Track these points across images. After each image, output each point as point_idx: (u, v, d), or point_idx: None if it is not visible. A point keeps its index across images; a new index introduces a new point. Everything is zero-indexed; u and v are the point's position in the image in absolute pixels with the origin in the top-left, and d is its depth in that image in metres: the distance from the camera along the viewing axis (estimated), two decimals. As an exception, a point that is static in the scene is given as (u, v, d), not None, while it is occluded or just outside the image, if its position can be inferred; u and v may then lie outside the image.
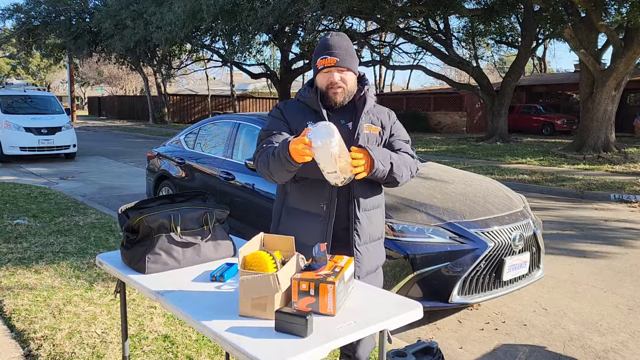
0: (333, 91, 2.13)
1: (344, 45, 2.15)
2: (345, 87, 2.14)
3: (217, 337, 1.50)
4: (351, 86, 2.17)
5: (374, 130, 2.21)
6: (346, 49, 2.15)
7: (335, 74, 2.12)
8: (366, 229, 2.21)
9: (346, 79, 2.14)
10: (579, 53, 14.10)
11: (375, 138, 2.21)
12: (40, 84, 48.49)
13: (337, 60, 2.11)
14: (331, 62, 2.11)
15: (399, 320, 1.65)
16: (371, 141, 2.18)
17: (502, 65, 38.51)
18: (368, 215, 2.22)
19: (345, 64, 2.12)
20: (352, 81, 2.17)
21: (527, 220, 3.91)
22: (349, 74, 2.15)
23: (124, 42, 22.21)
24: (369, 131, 2.18)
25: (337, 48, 2.13)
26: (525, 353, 3.28)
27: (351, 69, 2.15)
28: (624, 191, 8.73)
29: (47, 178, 10.52)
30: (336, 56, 2.11)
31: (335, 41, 2.15)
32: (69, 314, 3.40)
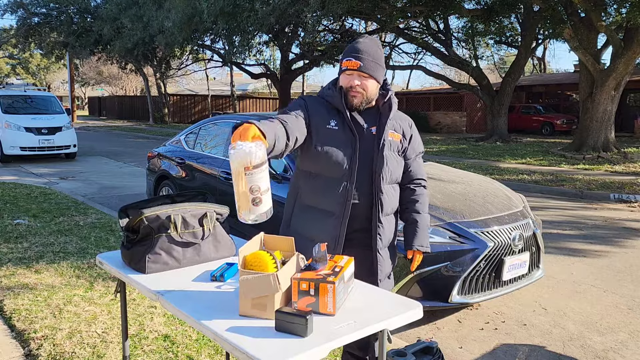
0: (352, 94, 2.14)
1: (372, 52, 2.14)
2: (365, 93, 2.14)
3: (218, 337, 1.51)
4: (371, 93, 2.16)
5: (396, 137, 2.22)
6: (373, 55, 2.13)
7: (356, 79, 2.12)
8: (387, 233, 2.24)
9: (367, 85, 2.13)
10: (579, 53, 14.11)
11: (397, 146, 2.23)
12: (40, 84, 48.50)
13: (360, 65, 2.10)
14: (354, 66, 2.10)
15: (399, 320, 1.65)
16: (393, 148, 2.20)
17: (502, 65, 38.50)
18: (389, 220, 2.24)
19: (368, 70, 2.11)
20: (373, 88, 2.16)
21: (527, 220, 3.92)
22: (371, 81, 2.14)
23: (123, 43, 22.22)
24: (392, 138, 2.20)
25: (364, 53, 2.12)
26: (525, 353, 3.29)
27: (373, 76, 2.13)
28: (623, 191, 8.73)
29: (47, 178, 10.53)
30: (361, 61, 2.10)
31: (364, 45, 2.14)
32: (69, 314, 3.41)
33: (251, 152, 1.72)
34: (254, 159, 1.72)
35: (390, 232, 2.27)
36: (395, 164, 2.21)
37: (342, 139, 2.14)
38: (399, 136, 2.23)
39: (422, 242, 2.28)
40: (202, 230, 2.13)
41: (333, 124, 2.16)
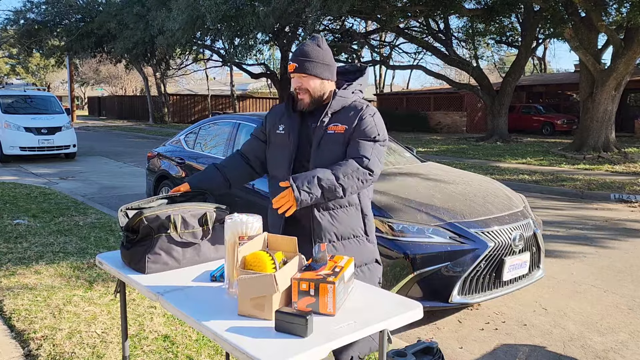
0: (299, 96, 2.26)
1: (309, 52, 2.22)
2: (310, 93, 2.23)
3: (217, 337, 1.50)
4: (317, 91, 2.24)
5: (339, 129, 2.22)
6: (310, 55, 2.22)
7: (296, 80, 2.24)
8: (329, 228, 2.23)
9: (309, 84, 2.22)
10: (579, 53, 14.10)
11: (337, 138, 2.22)
12: (40, 83, 48.47)
13: (295, 67, 2.22)
14: (291, 69, 2.24)
15: (399, 320, 1.65)
16: (332, 141, 2.21)
17: (502, 65, 38.51)
18: (331, 214, 2.23)
19: (304, 71, 2.21)
20: (317, 86, 2.24)
21: (527, 220, 3.91)
22: (312, 80, 2.22)
23: (124, 43, 22.22)
24: (333, 131, 2.22)
25: (300, 55, 2.23)
26: (525, 353, 3.28)
27: (313, 74, 2.21)
28: (624, 191, 8.73)
29: (47, 178, 10.52)
30: (296, 63, 2.22)
31: (300, 48, 2.25)
32: (69, 314, 3.40)
33: (247, 222, 1.79)
34: (250, 229, 1.79)
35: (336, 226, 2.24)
36: (332, 155, 2.20)
37: (286, 141, 2.28)
38: (343, 127, 2.23)
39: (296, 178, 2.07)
40: (201, 230, 2.12)
41: (281, 128, 2.32)
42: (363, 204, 2.32)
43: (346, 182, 2.11)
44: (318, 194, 2.07)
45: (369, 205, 2.37)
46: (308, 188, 2.05)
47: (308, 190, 2.05)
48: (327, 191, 2.09)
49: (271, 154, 2.36)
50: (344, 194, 2.13)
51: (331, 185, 2.08)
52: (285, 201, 2.06)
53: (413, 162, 5.08)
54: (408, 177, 4.42)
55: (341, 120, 2.23)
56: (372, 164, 2.17)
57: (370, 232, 2.35)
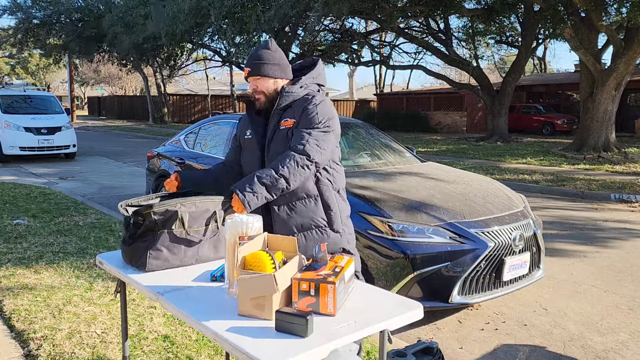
0: (256, 96, 2.36)
1: (259, 54, 2.32)
2: (265, 93, 2.33)
3: (218, 337, 1.50)
4: (270, 90, 2.33)
5: (289, 124, 2.29)
6: (260, 57, 2.31)
7: (252, 83, 2.35)
8: (287, 220, 2.29)
9: (262, 84, 2.32)
10: (579, 53, 14.10)
11: (287, 132, 2.28)
12: (39, 83, 48.50)
13: (249, 70, 2.33)
14: (245, 73, 2.35)
15: (399, 321, 1.65)
16: (282, 136, 2.28)
17: (502, 65, 38.51)
18: (289, 206, 2.28)
19: (256, 72, 2.31)
20: (270, 86, 2.33)
21: (528, 220, 3.91)
22: (264, 80, 2.32)
23: (133, 38, 22.14)
24: (284, 126, 2.29)
25: (251, 58, 2.34)
26: (526, 353, 3.28)
27: (264, 74, 2.31)
28: (624, 191, 8.73)
29: (47, 178, 10.52)
30: (248, 66, 2.34)
31: (252, 53, 2.36)
32: (68, 314, 3.40)
33: (247, 222, 1.79)
34: (250, 230, 1.79)
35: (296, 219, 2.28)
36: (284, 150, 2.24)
37: (253, 144, 2.39)
38: (292, 121, 2.29)
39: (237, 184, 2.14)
40: (206, 229, 2.12)
41: (248, 133, 2.44)
42: (324, 195, 2.32)
43: (285, 171, 2.14)
44: (262, 191, 2.11)
45: (333, 197, 2.35)
46: (250, 188, 2.10)
47: (250, 190, 2.09)
48: (270, 186, 2.12)
49: (244, 158, 2.48)
50: (288, 183, 2.16)
51: (272, 179, 2.12)
52: (235, 207, 2.10)
53: (413, 162, 5.08)
54: (408, 177, 4.42)
55: (290, 115, 2.30)
56: (308, 149, 2.18)
57: (334, 223, 2.34)
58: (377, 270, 3.48)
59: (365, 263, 3.51)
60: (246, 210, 2.07)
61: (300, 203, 2.29)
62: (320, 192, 2.32)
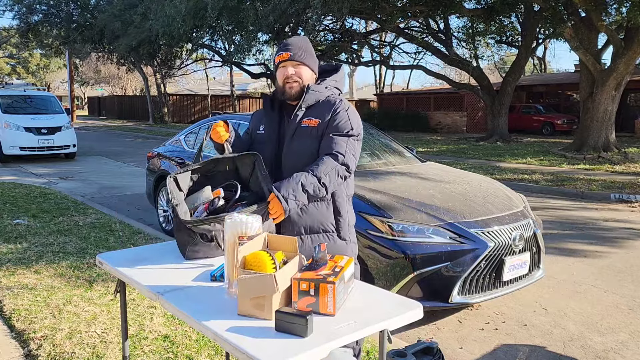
0: (289, 85, 2.28)
1: (299, 44, 2.31)
2: (301, 82, 2.28)
3: (218, 337, 1.50)
4: (307, 80, 2.29)
5: (313, 123, 2.26)
6: (300, 46, 2.30)
7: (290, 68, 2.27)
8: (297, 221, 2.26)
9: (301, 72, 2.28)
10: (579, 53, 14.10)
11: (310, 131, 2.25)
12: (40, 83, 48.50)
13: (290, 55, 2.26)
14: (285, 57, 2.27)
15: (399, 320, 1.65)
16: (305, 134, 2.25)
17: (502, 65, 38.51)
18: (302, 209, 2.25)
19: (299, 58, 2.27)
20: (308, 76, 2.30)
21: (527, 220, 3.91)
22: (304, 69, 2.29)
23: (128, 41, 22.15)
24: (307, 125, 2.26)
25: (291, 45, 2.29)
26: (526, 353, 3.28)
27: (306, 63, 2.29)
28: (624, 191, 8.73)
29: (47, 178, 10.52)
30: (289, 51, 2.27)
31: (291, 40, 2.33)
32: (68, 314, 3.40)
33: (247, 222, 1.79)
34: (249, 229, 1.79)
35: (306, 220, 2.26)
36: (305, 149, 2.24)
37: (265, 138, 2.37)
38: (316, 121, 2.26)
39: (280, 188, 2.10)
40: None
41: (262, 129, 2.41)
42: (336, 201, 2.32)
43: (327, 180, 2.15)
44: (305, 200, 2.13)
45: (345, 203, 2.35)
46: (294, 196, 2.09)
47: (294, 198, 2.09)
48: (311, 195, 2.14)
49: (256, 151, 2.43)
50: (327, 192, 2.19)
51: (315, 187, 2.13)
52: (273, 212, 2.09)
53: (413, 162, 5.08)
54: (408, 177, 4.42)
55: (315, 114, 2.27)
56: (348, 160, 2.20)
57: (342, 230, 2.34)
58: (377, 270, 3.49)
59: (365, 263, 3.51)
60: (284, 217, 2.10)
61: (312, 205, 2.27)
62: (333, 197, 2.31)
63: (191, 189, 2.27)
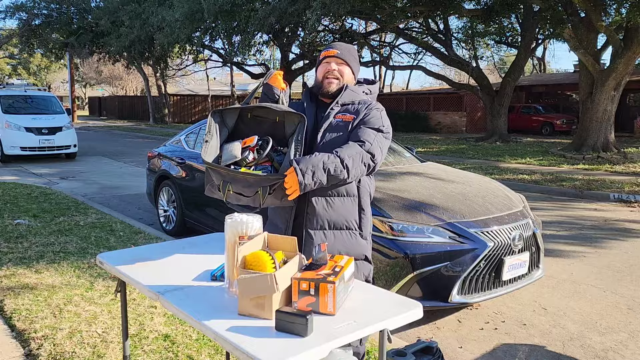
0: (328, 81, 2.32)
1: (347, 47, 2.41)
2: (341, 80, 2.33)
3: (218, 337, 1.51)
4: (347, 80, 2.35)
5: (347, 118, 2.28)
6: (348, 49, 2.40)
7: (333, 64, 2.33)
8: (322, 215, 2.24)
9: (344, 71, 2.34)
10: (579, 53, 14.10)
11: (343, 126, 2.27)
12: (40, 84, 48.46)
13: (337, 52, 2.34)
14: (332, 53, 2.34)
15: (399, 320, 1.66)
16: (338, 128, 2.26)
17: (501, 65, 38.51)
18: (327, 201, 2.24)
19: (344, 57, 2.34)
20: (349, 76, 2.36)
21: (527, 220, 3.92)
22: (347, 69, 2.35)
23: (120, 41, 22.16)
24: (341, 119, 2.28)
25: (340, 45, 2.39)
26: (525, 352, 3.29)
27: (349, 64, 2.35)
28: (623, 191, 8.73)
29: (47, 178, 10.53)
30: (337, 49, 2.36)
31: (340, 43, 2.42)
32: (69, 314, 3.41)
33: (247, 222, 1.80)
34: (250, 229, 1.80)
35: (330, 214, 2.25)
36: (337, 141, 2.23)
37: None
38: (351, 117, 2.29)
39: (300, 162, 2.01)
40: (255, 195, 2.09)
41: None
42: (362, 198, 2.32)
43: (351, 164, 2.07)
44: (323, 179, 2.02)
45: (368, 202, 2.37)
46: (312, 172, 1.98)
47: (312, 173, 1.98)
48: (332, 176, 2.03)
49: None
50: (348, 176, 2.09)
51: (336, 168, 2.04)
52: (288, 186, 1.98)
53: (413, 162, 5.09)
54: (408, 177, 4.43)
55: (350, 111, 2.30)
56: (374, 149, 2.16)
57: (364, 228, 2.34)
58: (377, 270, 3.49)
59: (365, 263, 3.51)
60: (300, 192, 1.98)
61: (339, 200, 2.26)
62: (359, 193, 2.31)
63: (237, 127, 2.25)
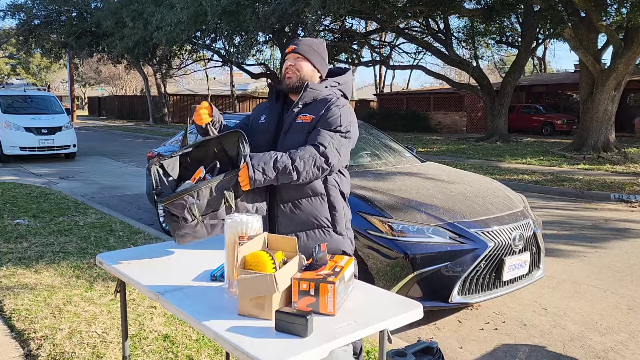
0: (287, 75, 2.35)
1: (308, 41, 2.41)
2: (299, 74, 2.34)
3: (218, 337, 1.50)
4: (306, 74, 2.35)
5: (307, 119, 2.29)
6: (308, 43, 2.40)
7: (290, 59, 2.36)
8: (292, 217, 2.28)
9: (301, 65, 2.35)
10: (579, 53, 14.10)
11: (303, 127, 2.28)
12: (40, 84, 48.47)
13: (294, 48, 2.36)
14: (290, 49, 2.38)
15: (399, 320, 1.65)
16: (298, 129, 2.28)
17: (502, 65, 38.50)
18: (295, 204, 2.27)
19: (302, 52, 2.35)
20: (308, 70, 2.36)
21: (527, 220, 3.91)
22: (305, 63, 2.35)
23: (124, 42, 22.17)
24: (301, 120, 2.30)
25: (300, 40, 2.41)
26: (525, 353, 3.28)
27: (308, 58, 2.35)
28: (624, 191, 8.73)
29: (47, 178, 10.52)
30: (295, 45, 2.38)
31: (303, 38, 2.41)
32: (69, 314, 3.40)
33: (247, 222, 1.79)
34: (249, 229, 1.80)
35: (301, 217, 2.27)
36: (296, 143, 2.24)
37: (265, 128, 2.39)
38: (310, 117, 2.29)
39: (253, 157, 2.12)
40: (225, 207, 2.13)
41: (262, 118, 2.44)
42: (332, 196, 2.32)
43: (301, 165, 2.13)
44: (272, 176, 2.11)
45: (339, 198, 2.36)
46: (262, 169, 2.09)
47: (262, 170, 2.09)
48: (280, 173, 2.11)
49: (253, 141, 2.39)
50: (298, 178, 2.14)
51: (285, 167, 2.11)
52: (241, 180, 2.10)
53: (413, 162, 5.08)
54: (408, 177, 4.42)
55: (310, 111, 2.30)
56: (329, 152, 2.18)
57: (338, 224, 2.34)
58: (377, 270, 3.49)
59: (365, 263, 3.51)
60: (249, 186, 2.09)
61: (306, 201, 2.28)
62: (327, 191, 2.32)
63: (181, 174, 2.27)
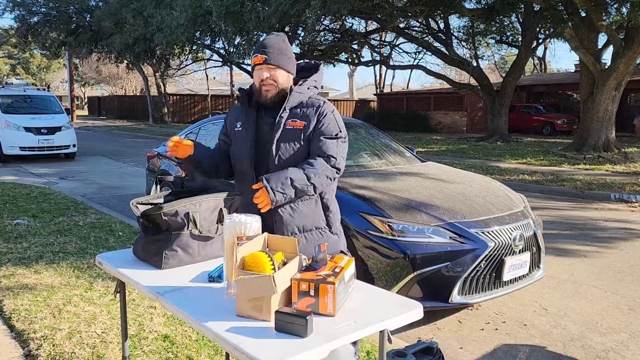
0: (265, 88, 2.28)
1: (276, 45, 2.28)
2: (276, 84, 2.28)
3: (218, 337, 1.50)
4: (283, 83, 2.29)
5: (298, 125, 2.28)
6: (278, 48, 2.28)
7: (265, 72, 2.26)
8: (290, 221, 2.29)
9: (276, 75, 2.27)
10: (580, 53, 14.09)
11: (296, 133, 2.28)
12: (40, 83, 48.47)
13: (265, 58, 2.25)
14: (260, 60, 2.26)
15: (399, 320, 1.65)
16: (291, 136, 2.27)
17: (502, 65, 38.50)
18: (292, 207, 2.29)
19: (274, 62, 2.25)
20: (284, 78, 2.29)
21: (528, 220, 3.91)
22: (280, 71, 2.28)
23: (123, 39, 22.16)
24: (292, 127, 2.28)
25: (268, 47, 2.27)
26: (526, 353, 3.28)
27: (281, 66, 2.27)
28: (624, 191, 8.72)
29: (47, 178, 10.52)
30: (265, 54, 2.25)
31: (267, 40, 2.30)
32: (68, 314, 3.40)
33: (246, 223, 1.79)
34: (248, 230, 1.79)
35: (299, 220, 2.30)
36: (292, 151, 2.27)
37: (244, 136, 2.36)
38: (302, 123, 2.28)
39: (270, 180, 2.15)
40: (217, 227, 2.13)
41: (239, 125, 2.40)
42: (325, 198, 2.37)
43: (317, 180, 2.21)
44: (292, 194, 2.17)
45: (333, 200, 2.42)
46: (282, 189, 2.14)
47: (282, 191, 2.14)
48: (299, 191, 2.19)
49: (233, 149, 2.43)
50: (315, 191, 2.25)
51: (303, 185, 2.18)
52: (260, 201, 2.14)
53: (413, 162, 5.08)
54: (408, 177, 4.42)
55: (299, 116, 2.30)
56: (339, 163, 2.28)
57: (332, 224, 2.40)
58: (377, 270, 3.48)
59: (366, 263, 3.51)
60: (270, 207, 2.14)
61: (302, 204, 2.31)
62: (321, 194, 2.36)
63: None
